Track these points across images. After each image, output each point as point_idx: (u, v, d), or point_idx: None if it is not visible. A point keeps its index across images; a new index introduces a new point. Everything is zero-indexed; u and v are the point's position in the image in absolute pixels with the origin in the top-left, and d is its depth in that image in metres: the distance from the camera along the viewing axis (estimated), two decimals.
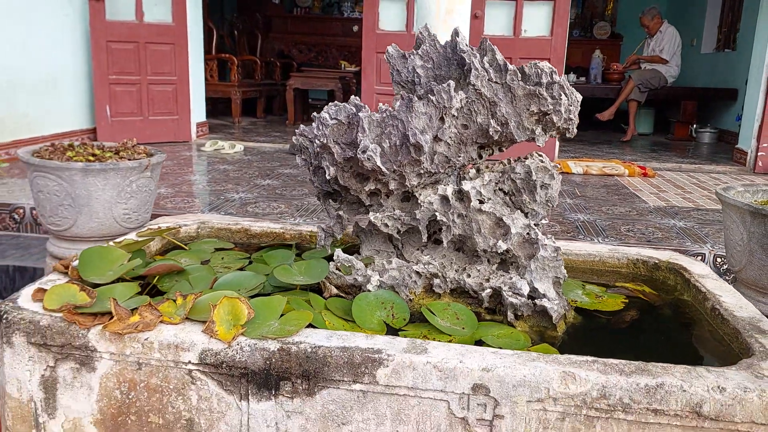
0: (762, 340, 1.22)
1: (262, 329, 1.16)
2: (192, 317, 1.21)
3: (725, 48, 7.46)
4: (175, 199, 3.25)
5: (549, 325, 1.35)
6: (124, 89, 5.01)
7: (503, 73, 1.32)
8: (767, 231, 1.58)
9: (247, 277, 1.45)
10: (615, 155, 5.64)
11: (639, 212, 3.37)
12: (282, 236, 1.88)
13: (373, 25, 4.99)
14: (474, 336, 1.28)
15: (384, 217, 1.38)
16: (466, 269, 1.46)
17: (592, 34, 9.53)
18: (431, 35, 1.42)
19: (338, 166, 1.30)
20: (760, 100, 4.80)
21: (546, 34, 4.94)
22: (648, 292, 1.61)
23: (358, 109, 1.24)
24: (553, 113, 1.34)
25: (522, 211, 1.45)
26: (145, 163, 1.89)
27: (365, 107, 1.26)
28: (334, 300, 1.39)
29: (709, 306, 1.43)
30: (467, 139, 1.36)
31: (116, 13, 4.87)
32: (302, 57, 9.21)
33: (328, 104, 1.28)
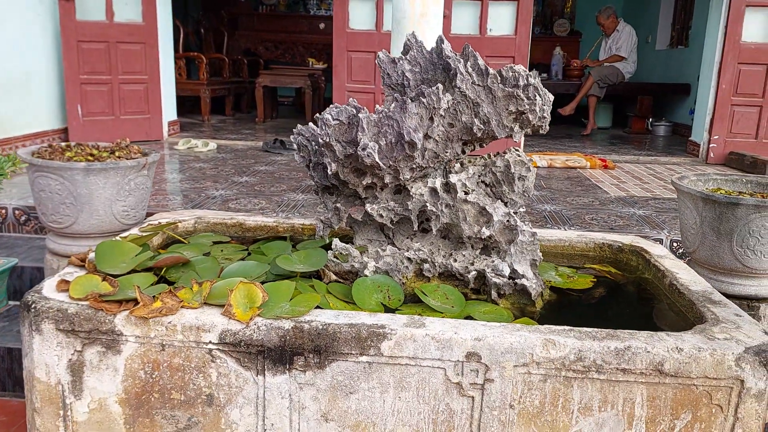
0: (713, 309, 1.40)
1: (276, 310, 1.29)
2: (209, 302, 1.32)
3: (678, 45, 7.80)
4: (156, 197, 3.32)
5: (528, 301, 1.51)
6: (96, 89, 5.01)
7: (485, 76, 1.47)
8: (717, 215, 1.77)
9: (252, 266, 1.57)
10: (577, 148, 5.87)
11: (601, 202, 3.58)
12: (275, 229, 2.00)
13: (343, 24, 5.11)
14: (463, 313, 1.43)
15: (380, 209, 1.52)
16: (452, 255, 1.61)
17: (553, 32, 9.81)
18: (418, 41, 1.56)
19: (339, 162, 1.43)
20: (711, 95, 5.09)
21: (510, 33, 5.13)
22: (614, 272, 1.78)
23: (358, 111, 1.38)
24: (529, 112, 1.50)
25: (502, 200, 1.60)
26: (143, 162, 1.99)
27: (364, 109, 1.39)
28: (333, 285, 1.52)
29: (667, 282, 1.61)
30: (453, 137, 1.51)
31: (86, 13, 4.86)
32: (269, 54, 9.25)
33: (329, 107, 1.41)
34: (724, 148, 5.09)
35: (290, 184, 3.82)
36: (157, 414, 1.31)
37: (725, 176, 2.04)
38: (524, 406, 1.23)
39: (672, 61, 7.74)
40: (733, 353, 1.19)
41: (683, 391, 1.21)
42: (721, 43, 4.96)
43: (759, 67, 4.93)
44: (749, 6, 4.86)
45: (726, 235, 1.76)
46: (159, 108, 5.42)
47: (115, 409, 1.32)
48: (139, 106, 5.30)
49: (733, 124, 5.06)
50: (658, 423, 1.22)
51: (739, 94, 5.00)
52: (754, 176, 2.02)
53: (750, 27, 4.91)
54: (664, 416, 1.22)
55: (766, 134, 5.01)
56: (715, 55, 5.02)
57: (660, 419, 1.22)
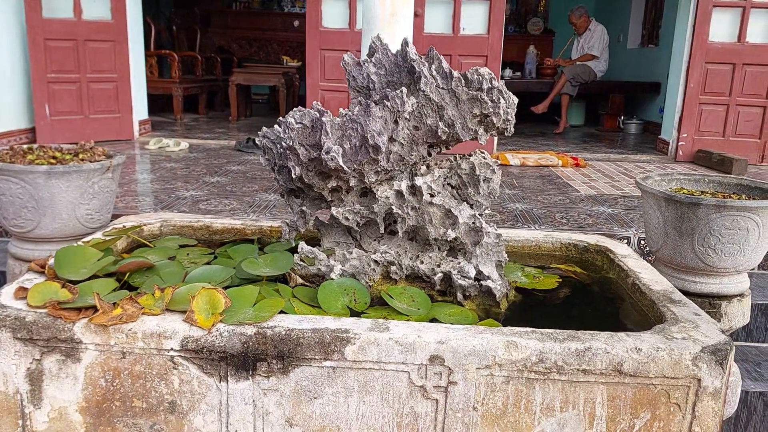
0: (673, 308, 1.42)
1: (239, 316, 1.28)
2: (171, 308, 1.31)
3: (649, 44, 7.92)
4: (125, 198, 3.27)
5: (493, 303, 1.52)
6: (64, 88, 4.92)
7: (449, 79, 1.47)
8: (679, 215, 1.80)
9: (216, 270, 1.56)
10: (549, 146, 5.93)
11: (572, 200, 3.62)
12: (243, 232, 1.99)
13: (316, 22, 5.08)
14: (428, 315, 1.44)
15: (345, 212, 1.52)
16: (419, 257, 1.61)
17: (526, 30, 9.88)
18: (383, 44, 1.56)
19: (303, 166, 1.42)
20: (679, 94, 5.17)
21: (483, 32, 5.16)
22: (579, 272, 1.80)
23: (321, 114, 1.37)
24: (493, 115, 1.51)
25: (468, 203, 1.61)
26: (107, 165, 1.95)
27: (327, 112, 1.38)
28: (299, 289, 1.52)
29: (630, 282, 1.63)
30: (418, 139, 1.51)
31: (53, 10, 4.77)
32: (243, 52, 9.17)
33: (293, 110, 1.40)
34: (692, 146, 5.18)
35: (262, 184, 3.80)
36: (118, 422, 1.30)
37: (688, 176, 2.08)
38: (487, 408, 1.24)
39: (643, 59, 7.85)
40: (690, 353, 1.21)
41: (642, 391, 1.23)
42: (689, 42, 5.04)
43: (726, 66, 5.02)
44: (716, 6, 4.95)
45: (688, 235, 1.80)
46: (129, 107, 5.35)
47: (75, 418, 1.30)
48: (108, 105, 5.22)
49: (701, 122, 5.15)
50: (618, 422, 1.24)
51: (706, 92, 5.09)
52: (716, 176, 2.06)
53: (717, 27, 5.00)
54: (624, 415, 1.24)
55: (733, 132, 5.11)
56: (683, 55, 5.10)
57: (620, 418, 1.24)
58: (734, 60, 5.00)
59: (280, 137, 1.40)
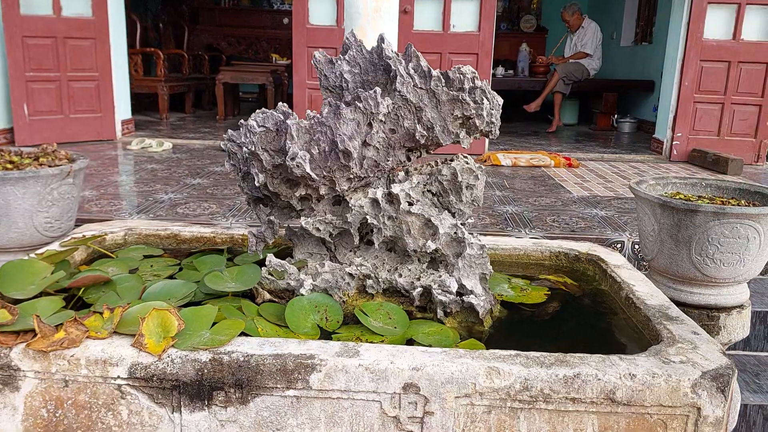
0: (670, 326, 1.31)
1: (193, 340, 1.16)
2: (120, 331, 1.19)
3: (643, 41, 7.82)
4: (101, 201, 3.14)
5: (476, 320, 1.40)
6: (43, 86, 4.77)
7: (428, 79, 1.36)
8: (675, 222, 1.69)
9: (177, 285, 1.44)
10: (542, 146, 5.82)
11: (564, 203, 3.51)
12: (213, 241, 1.87)
13: (303, 19, 4.96)
14: (406, 335, 1.32)
15: (315, 222, 1.40)
16: (397, 269, 1.50)
17: (519, 28, 9.77)
18: (357, 40, 1.44)
19: (267, 173, 1.30)
20: (674, 93, 5.07)
21: (474, 30, 5.04)
22: (569, 283, 1.69)
23: (286, 117, 1.25)
24: (476, 117, 1.39)
25: (449, 211, 1.50)
26: (67, 170, 1.83)
27: (293, 114, 1.27)
28: (267, 306, 1.40)
29: (624, 295, 1.52)
30: (395, 143, 1.39)
31: (31, 7, 4.62)
32: (231, 50, 9.02)
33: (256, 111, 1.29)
34: (687, 146, 5.08)
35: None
36: None
37: (684, 180, 1.97)
38: None
39: (636, 57, 7.75)
40: (690, 379, 1.10)
41: (637, 421, 1.12)
42: (684, 40, 4.94)
43: (721, 64, 4.92)
44: (711, 3, 4.85)
45: (684, 243, 1.69)
46: (111, 106, 5.21)
47: None
48: (89, 105, 5.08)
49: (695, 121, 5.05)
50: None
51: (701, 91, 4.99)
52: (714, 179, 1.95)
53: (712, 24, 4.90)
54: None
55: (728, 131, 5.02)
56: (677, 53, 5.00)
57: None
58: (729, 58, 4.90)
59: (243, 142, 1.28)
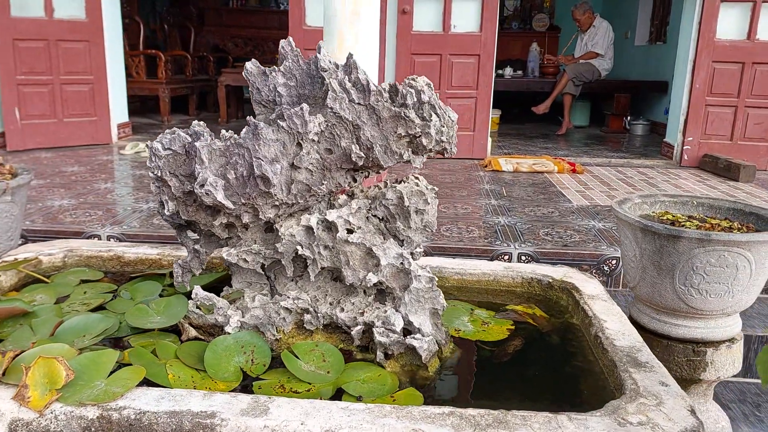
0: (636, 375, 1.16)
1: (84, 392, 1.03)
2: (6, 380, 1.06)
3: (657, 40, 7.57)
4: (76, 212, 3.05)
5: (421, 363, 1.25)
6: (35, 90, 4.71)
7: (366, 93, 1.21)
8: (657, 248, 1.53)
9: (95, 321, 1.31)
10: (549, 150, 5.64)
11: (561, 213, 3.34)
12: (159, 263, 1.74)
13: (299, 20, 4.83)
14: (337, 382, 1.18)
15: (241, 253, 1.26)
16: (340, 302, 1.36)
17: (531, 27, 9.56)
18: (294, 50, 1.30)
19: (179, 200, 1.17)
20: (684, 95, 4.85)
21: (476, 30, 4.87)
22: (538, 315, 1.54)
23: (195, 138, 1.12)
24: (422, 136, 1.24)
25: (397, 238, 1.35)
26: (2, 187, 1.72)
27: (204, 135, 1.13)
28: (188, 345, 1.26)
29: (593, 333, 1.36)
30: (332, 165, 1.25)
31: (23, 8, 4.56)
32: (238, 51, 8.94)
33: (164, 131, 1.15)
34: (698, 150, 4.86)
35: None
36: None
37: (674, 198, 1.80)
38: None
39: (650, 57, 7.51)
40: None
41: None
42: (695, 40, 4.72)
43: (734, 65, 4.69)
44: (724, 1, 4.62)
45: (667, 271, 1.52)
46: (107, 109, 5.14)
47: None
48: (84, 108, 5.01)
49: (707, 125, 4.83)
50: None
51: (713, 93, 4.76)
52: (706, 198, 1.77)
53: (725, 23, 4.67)
54: None
55: (741, 136, 4.79)
56: (689, 53, 4.78)
57: None
58: (743, 59, 4.67)
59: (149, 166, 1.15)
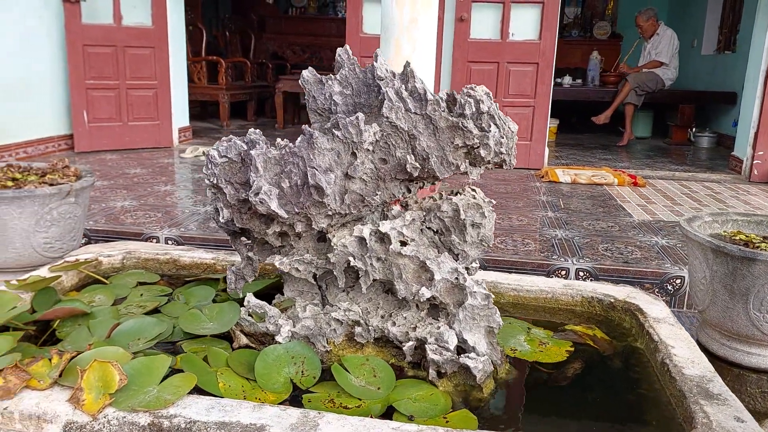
0: (707, 408, 1.08)
1: (137, 398, 1.03)
2: (63, 382, 1.08)
3: (726, 50, 7.26)
4: (137, 213, 3.12)
5: (474, 383, 1.21)
6: (102, 94, 4.89)
7: (423, 103, 1.18)
8: (730, 270, 1.43)
9: (150, 324, 1.32)
10: (609, 161, 5.47)
11: (621, 227, 3.22)
12: (213, 267, 1.76)
13: (356, 28, 4.85)
14: (388, 399, 1.15)
15: (293, 262, 1.25)
16: (392, 315, 1.32)
17: (592, 34, 9.33)
18: (351, 58, 1.28)
19: (233, 208, 1.16)
20: (756, 106, 4.62)
21: (534, 38, 4.78)
22: (599, 337, 1.46)
23: (251, 146, 1.11)
24: (480, 147, 1.20)
25: (452, 252, 1.31)
26: (67, 189, 1.76)
27: (259, 143, 1.12)
28: (240, 353, 1.26)
29: (660, 359, 1.29)
30: (386, 175, 1.23)
31: (93, 16, 4.75)
32: (295, 58, 9.07)
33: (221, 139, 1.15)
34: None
35: None
36: None
37: (748, 217, 1.69)
38: None
39: (718, 67, 7.20)
40: None
41: None
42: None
43: None
44: None
45: (741, 296, 1.42)
46: (169, 114, 5.28)
47: None
48: (147, 112, 5.17)
49: None
50: None
51: None
52: None
53: None
54: None
55: None
56: (761, 64, 4.55)
57: None
58: None
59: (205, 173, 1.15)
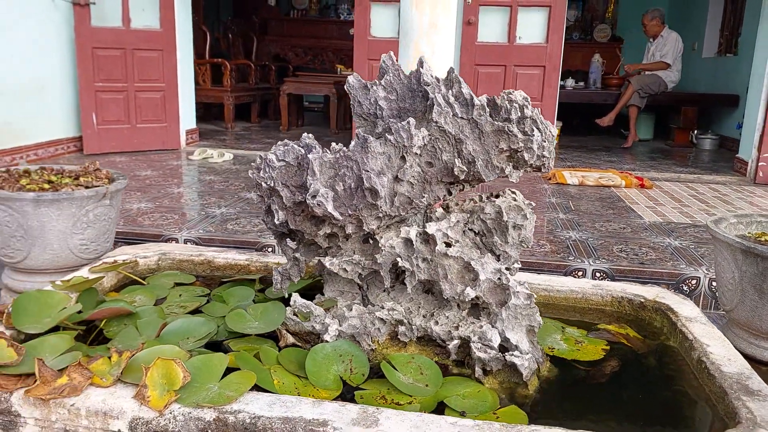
0: (750, 404, 1.11)
1: (200, 394, 1.06)
2: (125, 379, 1.10)
3: (727, 52, 7.33)
4: (154, 215, 3.15)
5: (519, 381, 1.24)
6: (111, 96, 4.91)
7: (470, 107, 1.22)
8: (760, 271, 1.47)
9: (198, 324, 1.35)
10: (614, 163, 5.52)
11: (633, 229, 3.26)
12: (247, 269, 1.78)
13: (364, 31, 4.89)
14: (437, 396, 1.18)
15: (342, 262, 1.28)
16: (434, 315, 1.36)
17: (593, 37, 9.39)
18: (395, 64, 1.31)
19: (288, 210, 1.19)
20: (761, 109, 4.68)
21: (541, 41, 4.83)
22: (632, 336, 1.50)
23: (308, 150, 1.14)
24: (524, 150, 1.24)
25: (493, 253, 1.34)
26: (103, 191, 1.79)
27: (316, 147, 1.16)
28: (288, 352, 1.29)
29: (696, 357, 1.32)
30: (432, 178, 1.26)
31: (103, 19, 4.77)
32: (298, 60, 9.10)
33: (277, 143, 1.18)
34: None
35: None
36: None
37: None
38: None
39: (719, 69, 7.27)
40: None
41: None
42: None
43: None
44: None
45: None
46: (176, 116, 5.30)
47: None
48: (155, 115, 5.19)
49: None
50: None
51: None
52: None
53: None
54: None
55: None
56: (766, 67, 4.61)
57: None
58: None
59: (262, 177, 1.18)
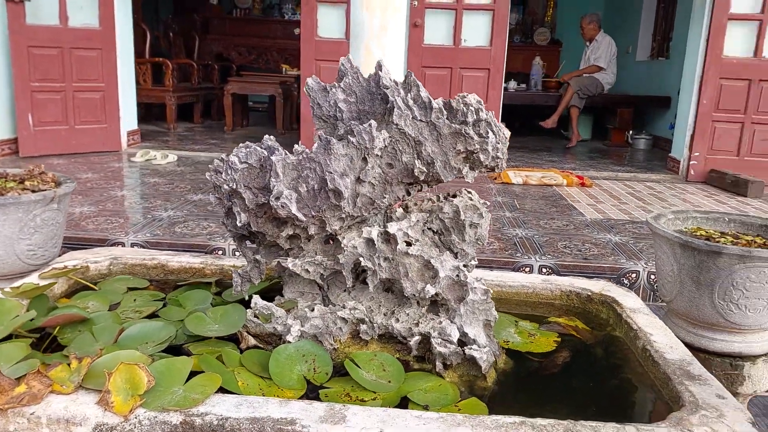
0: (692, 387, 1.19)
1: (165, 398, 1.05)
2: (86, 385, 1.09)
3: (659, 56, 7.68)
4: (98, 219, 3.06)
5: (479, 373, 1.29)
6: (48, 97, 4.73)
7: (428, 110, 1.25)
8: (696, 264, 1.57)
9: (156, 328, 1.34)
10: (555, 163, 5.70)
11: (576, 226, 3.39)
12: (202, 272, 1.77)
13: (311, 32, 4.88)
14: (400, 391, 1.21)
15: (304, 263, 1.30)
16: (395, 312, 1.39)
17: (533, 40, 9.66)
18: (354, 67, 1.34)
19: (250, 212, 1.20)
20: (691, 111, 4.93)
21: (486, 44, 4.94)
22: (581, 327, 1.57)
23: (271, 152, 1.15)
24: (480, 152, 1.28)
25: (451, 251, 1.39)
26: (51, 195, 1.74)
27: (278, 150, 1.17)
28: (250, 354, 1.29)
29: (641, 346, 1.40)
30: (393, 179, 1.29)
31: (38, 17, 4.58)
32: (242, 59, 8.98)
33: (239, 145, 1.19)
34: (704, 166, 4.93)
35: None
36: None
37: (706, 214, 1.85)
38: None
39: (652, 72, 7.61)
40: None
41: None
42: (703, 57, 4.80)
43: (741, 82, 4.77)
44: (732, 19, 4.71)
45: (707, 287, 1.57)
46: (117, 117, 5.15)
47: None
48: (95, 115, 5.03)
49: (714, 140, 4.90)
50: None
51: (720, 109, 4.84)
52: (738, 214, 1.82)
53: (732, 41, 4.76)
54: None
55: (748, 152, 4.86)
56: (696, 69, 4.86)
57: None
58: (750, 76, 4.75)
59: (224, 179, 1.18)
